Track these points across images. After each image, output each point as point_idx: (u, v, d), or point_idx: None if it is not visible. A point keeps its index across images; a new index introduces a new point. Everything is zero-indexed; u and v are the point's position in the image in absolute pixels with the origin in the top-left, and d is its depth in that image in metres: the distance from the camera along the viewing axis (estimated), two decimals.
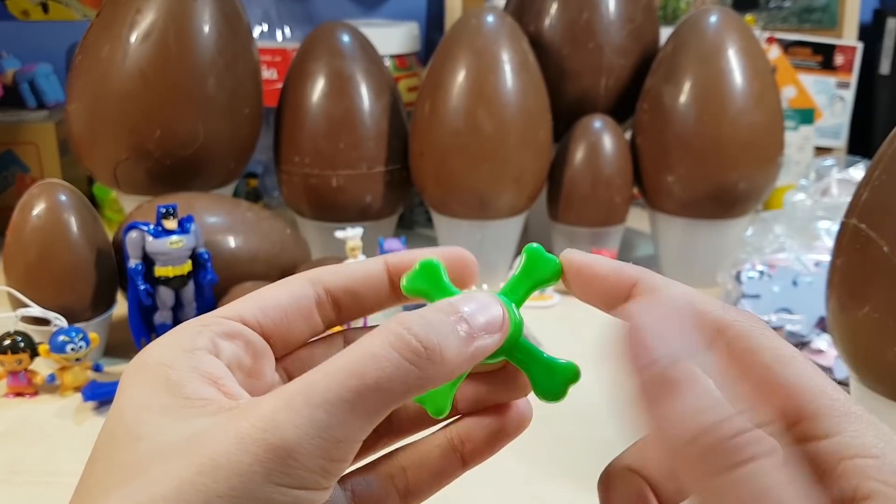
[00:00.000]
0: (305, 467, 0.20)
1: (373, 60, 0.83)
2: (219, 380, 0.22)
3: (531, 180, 0.81)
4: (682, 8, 1.13)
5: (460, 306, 0.23)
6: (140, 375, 0.22)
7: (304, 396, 0.20)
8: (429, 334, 0.21)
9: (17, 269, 0.65)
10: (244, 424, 0.20)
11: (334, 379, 0.21)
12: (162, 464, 0.20)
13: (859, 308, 0.47)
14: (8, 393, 0.64)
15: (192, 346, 0.23)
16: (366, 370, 0.21)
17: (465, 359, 0.22)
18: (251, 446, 0.20)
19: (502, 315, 0.24)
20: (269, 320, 0.25)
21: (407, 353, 0.21)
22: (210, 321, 0.24)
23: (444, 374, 0.22)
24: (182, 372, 0.22)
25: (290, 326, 0.25)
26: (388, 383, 0.21)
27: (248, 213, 0.74)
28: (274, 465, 0.20)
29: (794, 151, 1.08)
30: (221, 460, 0.20)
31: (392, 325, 0.22)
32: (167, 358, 0.23)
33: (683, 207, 0.81)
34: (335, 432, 0.20)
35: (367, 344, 0.21)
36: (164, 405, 0.21)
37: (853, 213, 0.48)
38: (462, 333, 0.22)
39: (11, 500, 0.52)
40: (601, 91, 0.85)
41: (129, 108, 0.74)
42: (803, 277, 0.69)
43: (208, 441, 0.20)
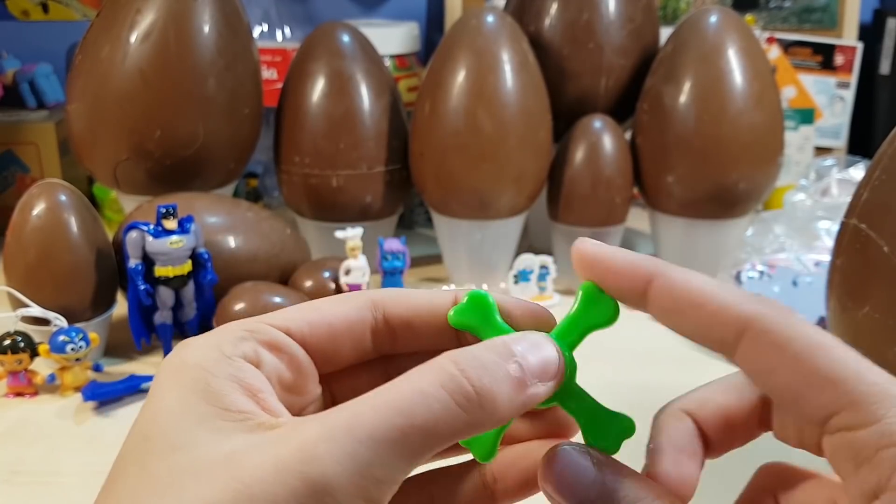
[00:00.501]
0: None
1: (373, 60, 0.83)
2: (258, 393, 0.22)
3: (531, 180, 0.81)
4: (682, 8, 1.13)
5: (514, 347, 0.22)
6: (178, 377, 0.22)
7: (348, 430, 0.19)
8: (482, 379, 0.20)
9: (17, 269, 0.65)
10: (284, 453, 0.19)
11: (380, 415, 0.20)
12: (197, 481, 0.19)
13: (859, 308, 0.47)
14: (8, 393, 0.64)
15: (234, 353, 0.22)
16: (414, 410, 0.20)
17: (517, 407, 0.21)
18: (289, 478, 0.19)
19: (558, 361, 0.23)
20: (314, 337, 0.24)
21: (458, 397, 0.20)
22: (256, 327, 0.23)
23: (493, 420, 0.21)
24: (222, 380, 0.21)
25: (337, 348, 0.24)
26: (435, 425, 0.20)
27: (248, 213, 0.74)
28: (309, 501, 0.19)
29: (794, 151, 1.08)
30: (257, 489, 0.19)
31: (445, 363, 0.21)
32: (207, 362, 0.22)
33: (683, 207, 0.81)
34: (376, 471, 0.19)
35: (416, 381, 0.20)
36: (203, 414, 0.21)
37: (853, 213, 0.48)
38: (515, 380, 0.21)
39: (11, 500, 0.52)
40: (601, 91, 0.85)
41: (129, 108, 0.74)
42: (803, 277, 0.69)
43: (246, 465, 0.19)
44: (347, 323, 0.24)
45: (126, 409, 0.62)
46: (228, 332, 0.23)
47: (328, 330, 0.24)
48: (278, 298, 0.67)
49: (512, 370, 0.21)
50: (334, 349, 0.24)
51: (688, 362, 0.70)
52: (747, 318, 0.21)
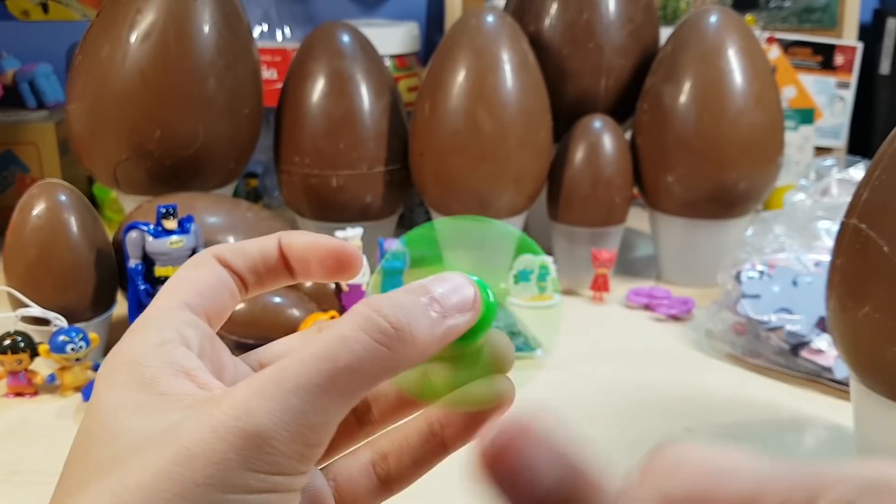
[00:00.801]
0: (281, 453, 0.20)
1: (373, 60, 0.83)
2: (191, 371, 0.22)
3: (531, 180, 0.81)
4: (682, 8, 1.13)
5: (432, 287, 0.23)
6: (113, 376, 0.22)
7: (277, 383, 0.20)
8: (398, 315, 0.21)
9: (17, 269, 0.65)
10: (217, 413, 0.20)
11: (306, 364, 0.21)
12: (138, 455, 0.20)
13: (859, 308, 0.47)
14: (8, 393, 0.64)
15: (162, 340, 0.23)
16: (337, 354, 0.21)
17: (437, 338, 0.22)
18: (226, 434, 0.20)
19: (474, 295, 0.24)
20: (207, 303, 0.25)
21: (377, 335, 0.21)
22: (167, 313, 0.24)
23: (415, 354, 0.22)
24: (155, 369, 0.22)
25: (223, 306, 0.25)
26: (359, 365, 0.21)
27: (248, 213, 0.74)
28: (250, 452, 0.20)
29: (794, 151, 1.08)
30: (196, 449, 0.20)
31: (361, 308, 0.22)
32: (138, 355, 0.22)
33: (683, 207, 0.81)
34: (310, 417, 0.20)
35: (337, 328, 0.21)
36: (140, 403, 0.21)
37: (853, 213, 0.48)
38: (433, 314, 0.22)
39: (11, 500, 0.52)
40: (601, 91, 0.85)
41: (129, 108, 0.74)
42: (803, 277, 0.69)
43: (183, 431, 0.20)
44: (219, 280, 0.25)
45: None
46: (149, 323, 0.24)
47: (212, 293, 0.25)
48: (278, 298, 0.67)
49: (430, 307, 0.22)
50: (222, 307, 0.25)
51: (688, 362, 0.70)
52: None
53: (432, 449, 0.26)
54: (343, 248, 0.27)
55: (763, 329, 0.67)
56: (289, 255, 0.26)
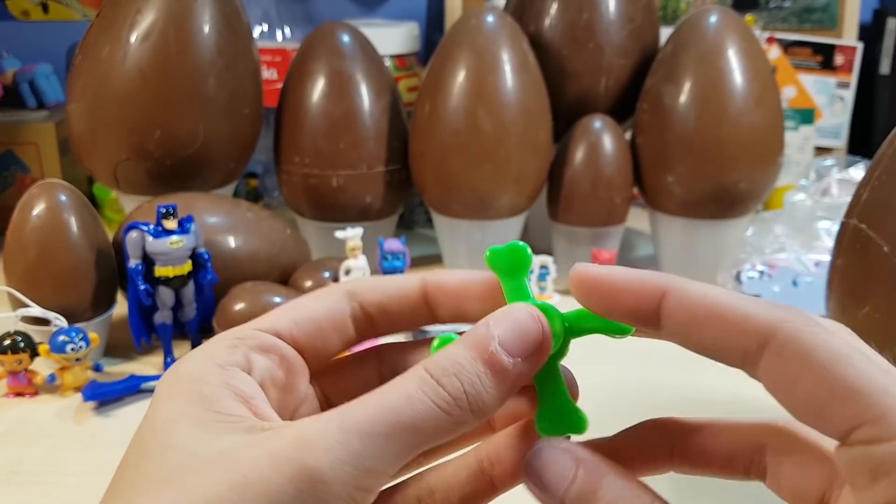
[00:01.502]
0: (334, 494, 0.20)
1: (373, 60, 0.83)
2: (250, 399, 0.22)
3: (531, 180, 0.81)
4: (682, 8, 1.13)
5: (491, 333, 0.22)
6: (173, 389, 0.23)
7: (341, 423, 0.21)
8: (454, 384, 0.21)
9: (17, 269, 0.65)
10: (278, 445, 0.20)
11: (370, 411, 0.21)
12: (192, 475, 0.20)
13: (859, 308, 0.47)
14: (8, 393, 0.64)
15: (226, 362, 0.23)
16: (400, 409, 0.21)
17: (502, 394, 0.22)
18: (284, 466, 0.20)
19: (541, 336, 0.23)
20: (302, 334, 0.25)
21: (438, 400, 0.21)
22: (245, 334, 0.24)
23: (477, 416, 0.22)
24: (215, 387, 0.22)
25: (325, 340, 0.25)
26: (422, 425, 0.21)
27: (248, 213, 0.74)
28: (304, 487, 0.20)
29: (794, 151, 1.08)
30: (252, 478, 0.20)
31: (421, 372, 0.22)
32: (201, 372, 0.23)
33: (683, 207, 0.81)
34: (367, 462, 0.20)
35: (402, 385, 0.21)
36: (197, 417, 0.21)
37: (853, 213, 0.48)
38: (492, 372, 0.22)
39: (11, 500, 0.52)
40: (601, 91, 0.85)
41: (129, 108, 0.74)
42: (803, 277, 0.69)
43: (241, 457, 0.20)
44: (328, 314, 0.25)
45: (126, 409, 0.62)
46: (219, 343, 0.24)
47: (314, 325, 0.25)
48: (278, 298, 0.67)
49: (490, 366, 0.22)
50: (323, 342, 0.25)
51: (688, 362, 0.70)
52: (770, 327, 0.20)
53: (480, 487, 0.26)
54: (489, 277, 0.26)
55: None
56: (437, 293, 0.26)
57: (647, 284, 0.22)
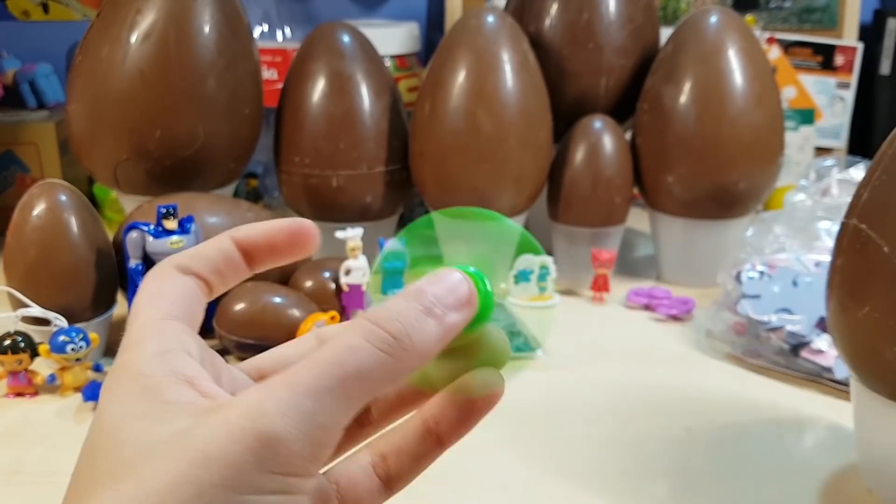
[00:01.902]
0: (294, 453, 0.21)
1: (373, 60, 0.83)
2: (194, 380, 0.23)
3: (531, 180, 0.81)
4: (682, 8, 1.13)
5: (427, 288, 0.24)
6: (116, 388, 0.23)
7: (288, 387, 0.21)
8: (395, 325, 0.22)
9: (17, 269, 0.65)
10: (232, 417, 0.21)
11: (316, 369, 0.22)
12: (150, 460, 0.20)
13: (859, 308, 0.47)
14: (8, 393, 0.64)
15: (163, 350, 0.23)
16: (344, 360, 0.22)
17: (436, 340, 0.23)
18: (241, 436, 0.20)
19: (469, 290, 0.25)
20: (185, 313, 0.25)
21: (379, 344, 0.22)
22: (162, 325, 0.24)
23: (417, 358, 0.23)
24: (157, 378, 0.22)
25: (198, 312, 0.26)
26: (367, 371, 0.22)
27: (248, 213, 0.74)
28: (265, 453, 0.20)
29: (794, 151, 1.08)
30: (212, 451, 0.20)
31: (362, 321, 0.23)
32: (139, 367, 0.23)
33: (683, 207, 0.81)
34: (320, 418, 0.21)
35: (342, 338, 0.22)
36: (144, 411, 0.22)
37: (853, 214, 0.48)
38: (430, 318, 0.23)
39: (11, 500, 0.52)
40: (601, 91, 0.85)
41: (129, 108, 0.74)
42: (803, 277, 0.69)
43: (197, 435, 0.21)
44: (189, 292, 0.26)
45: None
46: (149, 332, 0.24)
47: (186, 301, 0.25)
48: (278, 298, 0.67)
49: (426, 311, 0.23)
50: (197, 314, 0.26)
51: (688, 362, 0.70)
52: None
53: (429, 446, 0.27)
54: (295, 223, 0.28)
55: (763, 329, 0.67)
56: (247, 247, 0.27)
57: None
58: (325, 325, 0.28)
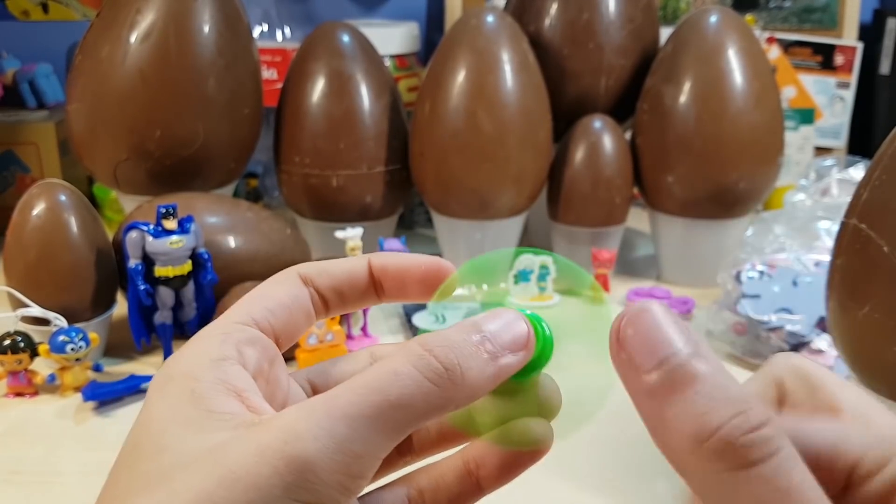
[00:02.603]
0: (324, 482, 0.20)
1: (373, 60, 0.83)
2: (243, 392, 0.22)
3: (531, 180, 0.81)
4: (682, 8, 1.13)
5: (483, 325, 0.23)
6: (166, 388, 0.22)
7: (326, 410, 0.20)
8: (448, 354, 0.21)
9: (17, 269, 0.65)
10: (266, 436, 0.20)
11: (356, 394, 0.21)
12: (182, 474, 0.20)
13: (859, 308, 0.47)
14: (8, 393, 0.64)
15: (219, 356, 0.23)
16: (388, 387, 0.21)
17: (489, 379, 0.22)
18: (271, 458, 0.20)
19: (527, 333, 0.23)
20: (278, 322, 0.25)
21: (428, 373, 0.21)
22: (231, 328, 0.24)
23: (466, 394, 0.22)
24: (207, 384, 0.22)
25: (295, 325, 0.25)
26: (410, 401, 0.21)
27: (248, 213, 0.74)
28: (293, 479, 0.20)
29: (794, 151, 1.08)
30: (241, 472, 0.20)
31: (413, 346, 0.22)
32: (193, 369, 0.23)
33: (683, 207, 0.81)
34: (355, 447, 0.20)
35: (389, 363, 0.21)
36: (189, 417, 0.21)
37: (853, 213, 0.48)
38: (484, 354, 0.22)
39: (11, 500, 0.52)
40: (601, 91, 0.85)
41: (129, 108, 0.74)
42: (803, 277, 0.69)
43: (230, 452, 0.20)
44: (295, 300, 0.25)
45: (126, 409, 0.62)
46: (209, 337, 0.24)
47: (286, 312, 0.25)
48: None
49: (481, 346, 0.22)
50: (294, 327, 0.25)
51: None
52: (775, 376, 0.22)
53: (467, 489, 0.26)
54: (440, 265, 0.26)
55: (763, 329, 0.67)
56: (381, 275, 0.26)
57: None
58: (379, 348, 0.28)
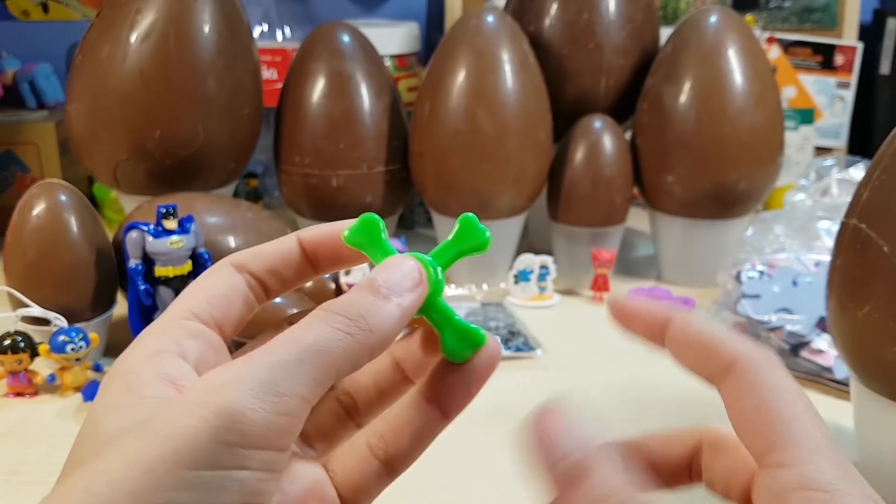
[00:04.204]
0: (251, 420, 0.20)
1: (373, 60, 0.83)
2: (178, 381, 0.23)
3: (531, 180, 0.81)
4: (682, 8, 1.13)
5: (375, 276, 0.24)
6: (107, 386, 0.23)
7: (246, 362, 0.21)
8: (349, 310, 0.23)
9: (17, 269, 0.65)
10: (190, 395, 0.21)
11: (273, 345, 0.22)
12: (113, 445, 0.21)
13: (859, 308, 0.47)
14: (8, 393, 0.64)
15: (156, 350, 0.24)
16: (302, 336, 0.22)
17: (395, 319, 0.23)
18: (197, 410, 0.20)
19: (418, 271, 0.25)
20: (218, 312, 0.25)
21: (336, 325, 0.22)
22: (170, 324, 0.25)
23: (378, 337, 0.23)
24: (143, 376, 0.23)
25: (236, 313, 0.26)
26: (326, 346, 0.22)
27: (248, 213, 0.74)
28: (220, 423, 0.20)
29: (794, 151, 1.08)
30: (167, 429, 0.20)
31: (319, 312, 0.23)
32: (131, 365, 0.23)
33: (683, 207, 0.81)
34: (279, 387, 0.21)
35: (304, 323, 0.23)
36: (123, 404, 0.22)
37: (853, 213, 0.48)
38: (381, 299, 0.23)
39: (11, 500, 0.52)
40: (601, 91, 0.85)
41: (129, 108, 0.74)
42: (803, 277, 0.69)
43: (160, 416, 0.21)
44: (233, 289, 0.26)
45: None
46: (150, 335, 0.24)
47: (223, 301, 0.26)
48: (278, 299, 0.67)
49: (377, 293, 0.24)
50: (234, 316, 0.26)
51: None
52: (735, 358, 0.24)
53: (431, 419, 0.26)
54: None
55: (763, 329, 0.67)
56: (314, 248, 0.27)
57: (657, 315, 0.27)
58: None
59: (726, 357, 0.24)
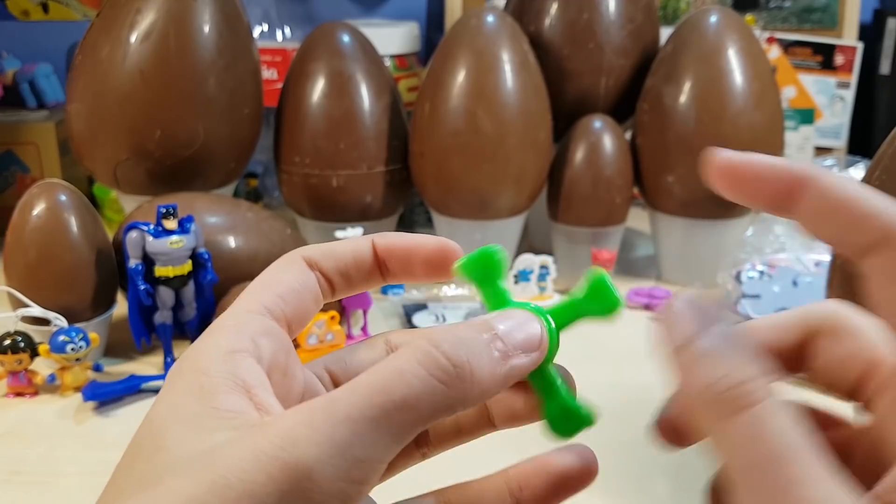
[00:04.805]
0: (322, 490, 0.19)
1: (373, 60, 0.83)
2: (252, 388, 0.21)
3: (531, 180, 0.81)
4: (682, 8, 1.13)
5: (495, 323, 0.22)
6: (175, 383, 0.22)
7: (326, 413, 0.19)
8: (458, 352, 0.20)
9: (17, 269, 0.65)
10: (262, 441, 0.19)
11: (359, 395, 0.20)
12: (175, 477, 0.19)
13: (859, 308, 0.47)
14: (8, 393, 0.64)
15: (232, 349, 0.22)
16: (392, 387, 0.20)
17: (500, 378, 0.21)
18: (266, 465, 0.19)
19: (541, 334, 0.23)
20: (290, 309, 0.24)
21: (435, 371, 0.20)
22: (245, 318, 0.23)
23: (475, 393, 0.21)
24: (216, 379, 0.21)
25: (306, 311, 0.24)
26: (415, 401, 0.20)
27: (248, 213, 0.74)
28: (289, 487, 0.19)
29: (794, 151, 1.08)
30: (233, 479, 0.19)
31: (421, 343, 0.21)
32: (203, 363, 0.22)
33: (683, 207, 0.81)
34: (357, 451, 0.19)
35: (394, 361, 0.20)
36: (191, 414, 0.21)
37: None
38: (495, 352, 0.21)
39: (11, 500, 0.52)
40: (601, 91, 0.85)
41: (129, 108, 0.74)
42: (803, 277, 0.69)
43: (224, 456, 0.19)
44: (304, 285, 0.24)
45: (126, 409, 0.62)
46: (224, 329, 0.23)
47: (296, 298, 0.24)
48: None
49: (493, 344, 0.21)
50: (303, 312, 0.24)
51: None
52: (890, 232, 0.20)
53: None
54: (446, 245, 0.25)
55: None
56: (387, 256, 0.26)
57: (784, 176, 0.22)
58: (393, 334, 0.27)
59: (880, 230, 0.20)
